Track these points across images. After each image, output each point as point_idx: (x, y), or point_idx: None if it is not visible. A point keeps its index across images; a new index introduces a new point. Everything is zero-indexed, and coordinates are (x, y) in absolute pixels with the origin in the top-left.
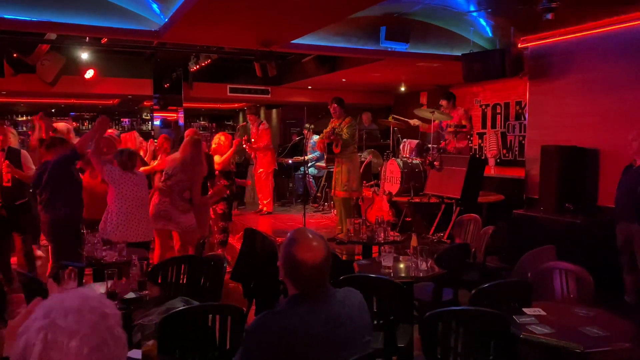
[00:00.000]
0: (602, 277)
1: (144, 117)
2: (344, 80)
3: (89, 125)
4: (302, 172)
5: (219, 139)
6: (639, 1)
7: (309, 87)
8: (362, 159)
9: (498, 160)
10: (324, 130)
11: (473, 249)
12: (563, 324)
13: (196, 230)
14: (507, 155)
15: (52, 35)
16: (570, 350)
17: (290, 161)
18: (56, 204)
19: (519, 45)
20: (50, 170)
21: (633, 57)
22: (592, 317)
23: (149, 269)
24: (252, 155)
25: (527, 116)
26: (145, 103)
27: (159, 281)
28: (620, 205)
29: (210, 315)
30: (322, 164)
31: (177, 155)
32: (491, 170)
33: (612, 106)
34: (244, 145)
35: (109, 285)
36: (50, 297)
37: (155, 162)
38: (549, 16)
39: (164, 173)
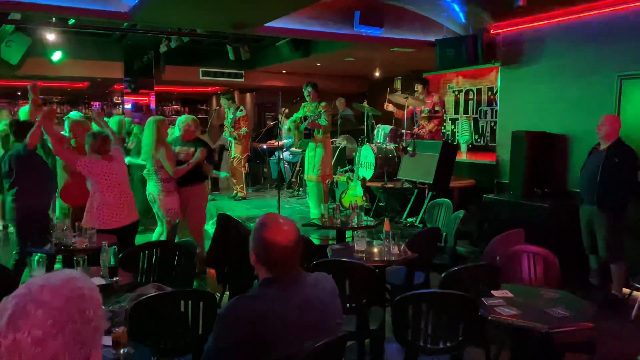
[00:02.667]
0: (569, 259)
1: (115, 100)
2: (318, 64)
3: (57, 109)
4: (276, 157)
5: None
6: None
7: (284, 71)
8: (337, 144)
9: (470, 146)
10: (297, 117)
11: (444, 233)
12: (529, 305)
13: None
14: (478, 140)
15: (17, 15)
16: (535, 330)
17: (264, 146)
18: (21, 192)
19: (492, 32)
20: (13, 163)
21: (598, 45)
22: (557, 298)
23: (120, 254)
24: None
25: (498, 102)
26: (115, 86)
27: (131, 267)
28: (584, 188)
29: (183, 301)
30: (297, 149)
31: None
32: (463, 156)
33: (580, 93)
34: (230, 137)
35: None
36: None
37: None
38: (520, 2)
39: None
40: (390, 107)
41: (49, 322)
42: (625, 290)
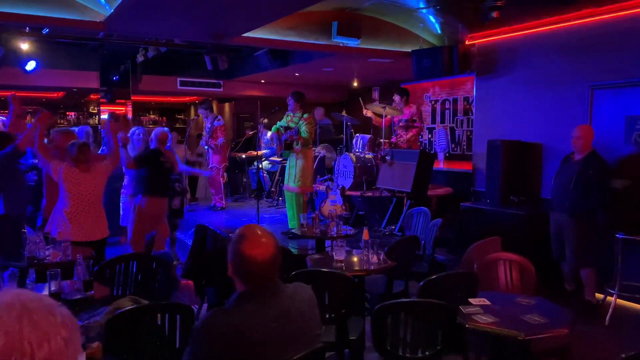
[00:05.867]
0: (544, 266)
1: (91, 110)
2: (297, 74)
3: (32, 119)
4: (255, 167)
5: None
6: (576, 2)
7: (262, 81)
8: (316, 154)
9: (447, 155)
10: (279, 125)
11: (423, 241)
12: (506, 312)
13: None
14: (455, 149)
15: None
16: (512, 337)
17: (243, 156)
18: None
19: (467, 42)
20: None
21: (571, 56)
22: (533, 305)
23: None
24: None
25: (474, 111)
26: (91, 96)
27: (107, 281)
28: (556, 196)
29: (159, 314)
30: (276, 158)
31: None
32: (440, 164)
33: (554, 102)
34: (206, 147)
35: (52, 286)
36: None
37: None
38: (494, 14)
39: None
40: (369, 114)
41: (68, 320)
42: (599, 296)
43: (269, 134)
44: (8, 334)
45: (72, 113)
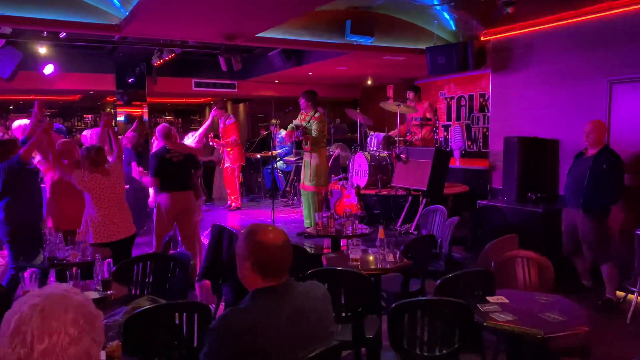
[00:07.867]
0: (562, 263)
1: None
2: (310, 73)
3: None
4: (270, 167)
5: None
6: None
7: (276, 80)
8: (331, 153)
9: (463, 152)
10: (294, 124)
11: (439, 240)
12: (524, 310)
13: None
14: (471, 147)
15: (7, 29)
16: (531, 335)
17: (258, 156)
18: (13, 206)
19: (482, 39)
20: (6, 174)
21: (588, 50)
22: (552, 303)
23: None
24: (220, 151)
25: (490, 108)
26: (108, 98)
27: (125, 280)
28: (569, 192)
29: (177, 313)
30: (291, 158)
31: None
32: (456, 162)
33: (570, 98)
34: (211, 142)
35: (71, 286)
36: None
37: None
38: (509, 10)
39: None
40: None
41: (81, 321)
42: (620, 294)
43: (283, 132)
44: (20, 318)
45: (89, 115)
